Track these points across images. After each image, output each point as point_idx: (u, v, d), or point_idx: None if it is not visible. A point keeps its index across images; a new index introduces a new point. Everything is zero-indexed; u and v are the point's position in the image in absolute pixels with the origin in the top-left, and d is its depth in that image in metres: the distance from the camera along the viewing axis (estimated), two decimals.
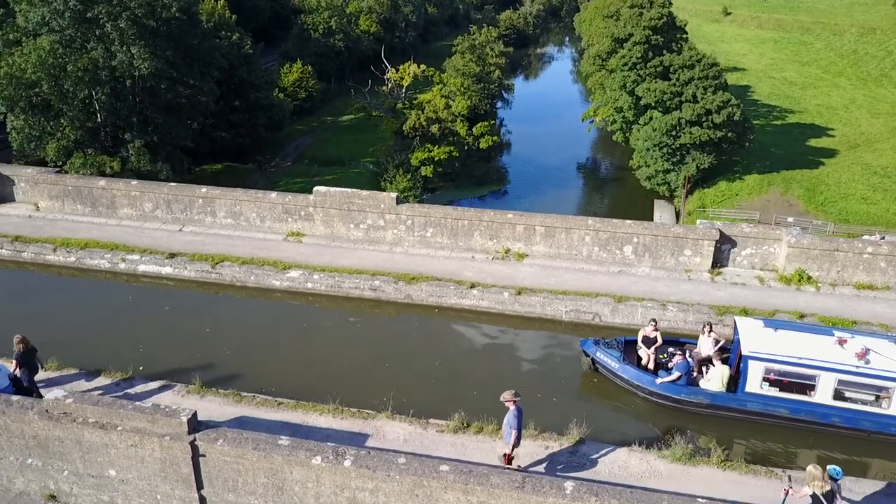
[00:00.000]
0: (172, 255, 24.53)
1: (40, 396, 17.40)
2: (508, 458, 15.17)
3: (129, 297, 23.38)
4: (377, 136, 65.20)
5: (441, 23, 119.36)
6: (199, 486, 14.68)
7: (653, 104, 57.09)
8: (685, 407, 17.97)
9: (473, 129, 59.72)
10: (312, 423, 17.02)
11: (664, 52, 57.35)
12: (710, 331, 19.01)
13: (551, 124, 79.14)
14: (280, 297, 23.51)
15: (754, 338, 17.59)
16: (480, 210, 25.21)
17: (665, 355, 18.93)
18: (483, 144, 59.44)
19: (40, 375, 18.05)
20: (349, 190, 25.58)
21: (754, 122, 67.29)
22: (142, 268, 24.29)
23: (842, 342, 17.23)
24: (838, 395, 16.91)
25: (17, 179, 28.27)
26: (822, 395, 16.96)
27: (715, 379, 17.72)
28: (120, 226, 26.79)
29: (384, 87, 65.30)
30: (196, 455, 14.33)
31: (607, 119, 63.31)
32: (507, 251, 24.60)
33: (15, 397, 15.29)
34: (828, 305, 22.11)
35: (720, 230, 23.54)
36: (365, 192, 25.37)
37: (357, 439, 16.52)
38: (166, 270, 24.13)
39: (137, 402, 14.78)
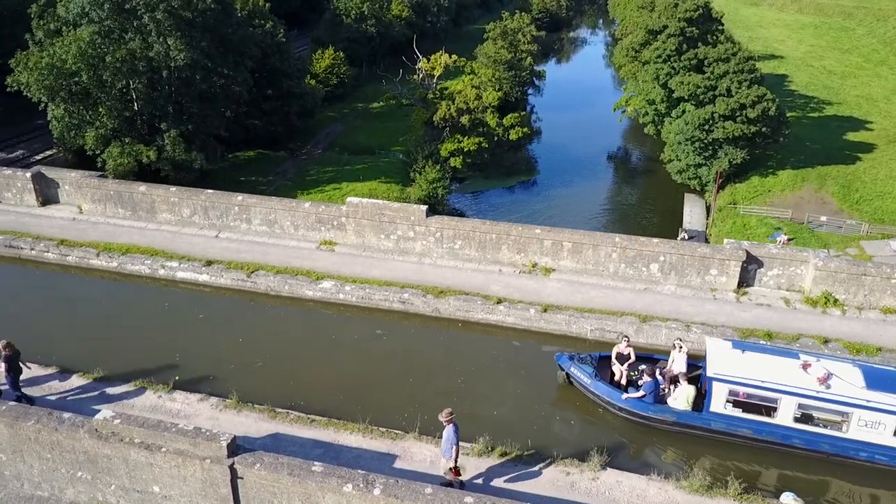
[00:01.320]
0: (209, 263, 25.39)
1: (28, 398, 18.57)
2: (456, 471, 15.99)
3: (165, 305, 24.29)
4: (407, 124, 65.46)
5: (473, 6, 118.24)
6: None
7: (686, 97, 56.47)
8: (653, 424, 18.66)
9: (504, 120, 59.68)
10: (343, 442, 17.77)
11: (699, 44, 56.54)
12: (682, 348, 19.52)
13: (582, 112, 78.53)
14: (312, 307, 24.26)
15: (721, 359, 18.22)
16: (509, 224, 25.58)
17: (636, 372, 19.53)
18: (513, 136, 59.48)
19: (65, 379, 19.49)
20: (380, 202, 26.15)
21: (790, 114, 66.15)
22: (180, 274, 25.21)
23: (806, 366, 17.85)
24: (799, 418, 17.58)
25: (61, 182, 29.29)
26: (784, 417, 17.64)
27: (681, 398, 18.39)
28: (159, 230, 27.72)
29: (415, 76, 65.42)
30: (234, 477, 15.17)
31: (639, 110, 62.77)
32: (535, 265, 25.01)
33: (67, 414, 16.24)
34: (854, 330, 22.22)
35: (747, 251, 23.67)
36: (396, 205, 25.91)
37: (386, 460, 17.26)
38: (203, 278, 25.02)
39: (180, 425, 15.63)
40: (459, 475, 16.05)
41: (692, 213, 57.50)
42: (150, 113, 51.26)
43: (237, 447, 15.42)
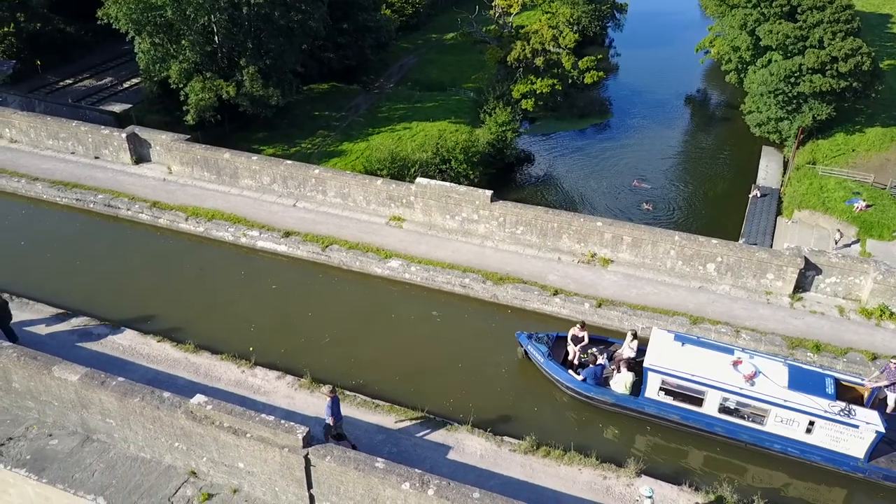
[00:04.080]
0: (287, 234, 27.23)
1: (15, 338, 21.61)
2: (334, 437, 18.53)
3: (241, 273, 26.37)
4: (480, 59, 64.71)
5: None
6: (310, 486, 17.86)
7: (773, 46, 53.83)
8: (595, 403, 20.58)
9: (579, 63, 58.39)
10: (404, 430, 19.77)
11: None
12: (634, 338, 21.05)
13: (663, 49, 75.46)
14: (379, 283, 25.93)
15: (660, 350, 19.90)
16: (571, 214, 26.27)
17: (586, 354, 21.17)
18: (588, 79, 58.24)
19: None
20: (447, 184, 27.14)
21: (887, 62, 62.20)
22: (260, 244, 27.21)
23: (737, 363, 19.35)
24: (723, 410, 19.20)
25: (153, 143, 31.30)
26: (709, 407, 19.29)
27: (620, 383, 20.16)
28: (241, 196, 29.59)
29: (491, 11, 64.06)
30: (308, 465, 17.39)
31: (722, 55, 60.18)
32: (594, 255, 25.83)
33: (166, 394, 18.67)
34: None
35: (806, 258, 23.82)
36: (462, 188, 26.88)
37: (441, 450, 19.20)
38: (281, 248, 26.96)
39: (263, 415, 17.83)
40: (337, 440, 18.53)
41: (768, 169, 55.99)
42: (231, 48, 52.61)
43: (311, 438, 17.55)
